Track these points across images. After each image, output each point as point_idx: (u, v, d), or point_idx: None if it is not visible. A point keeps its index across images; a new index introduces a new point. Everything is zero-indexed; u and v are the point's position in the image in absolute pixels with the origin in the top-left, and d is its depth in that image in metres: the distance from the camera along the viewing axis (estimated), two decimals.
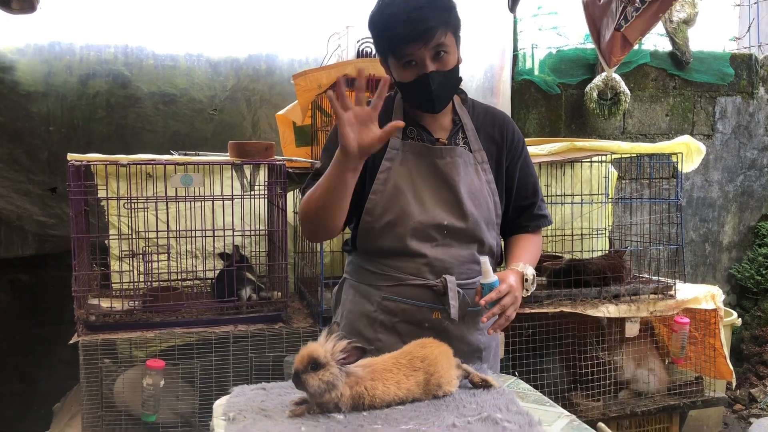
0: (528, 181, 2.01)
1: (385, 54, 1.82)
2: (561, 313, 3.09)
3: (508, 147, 1.97)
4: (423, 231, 1.83)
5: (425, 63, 1.76)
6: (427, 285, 1.84)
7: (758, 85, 5.18)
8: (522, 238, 2.00)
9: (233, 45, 3.98)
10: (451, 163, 1.86)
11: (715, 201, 5.17)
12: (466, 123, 1.94)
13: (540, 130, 4.64)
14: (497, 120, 1.99)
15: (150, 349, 2.73)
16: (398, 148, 1.87)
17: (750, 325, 5.04)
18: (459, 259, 1.86)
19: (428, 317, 1.86)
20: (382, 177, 1.85)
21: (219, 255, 3.06)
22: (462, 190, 1.85)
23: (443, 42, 1.75)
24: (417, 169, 1.86)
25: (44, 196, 3.68)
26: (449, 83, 1.83)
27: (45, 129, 3.68)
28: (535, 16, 4.72)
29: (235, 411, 1.55)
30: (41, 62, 3.65)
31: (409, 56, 1.76)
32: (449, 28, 1.77)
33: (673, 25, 4.85)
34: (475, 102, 2.01)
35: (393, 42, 1.75)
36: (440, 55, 1.77)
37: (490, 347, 1.98)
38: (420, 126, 1.91)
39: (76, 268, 2.73)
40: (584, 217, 3.80)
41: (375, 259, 1.89)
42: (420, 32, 1.71)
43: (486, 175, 1.91)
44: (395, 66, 1.81)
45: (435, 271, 1.84)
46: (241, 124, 4.02)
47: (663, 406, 3.26)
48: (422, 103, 1.85)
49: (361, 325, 1.91)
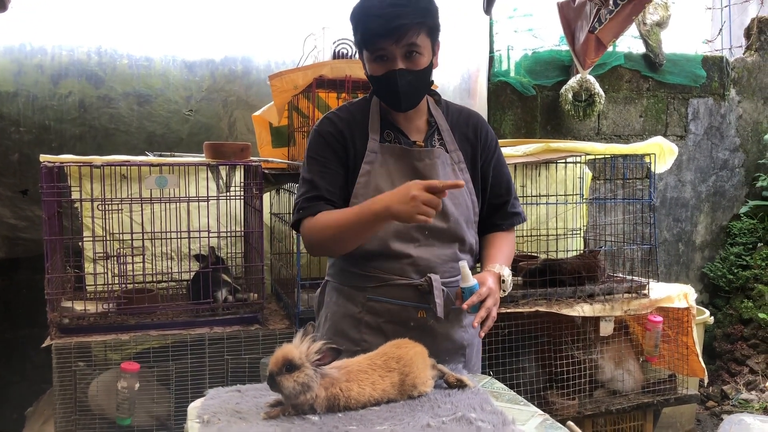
0: (502, 180, 2.03)
1: (360, 46, 1.85)
2: (536, 313, 3.11)
3: (482, 146, 1.99)
4: (405, 232, 1.85)
5: (395, 60, 1.78)
6: (412, 284, 1.86)
7: (729, 87, 5.26)
8: (496, 237, 2.02)
9: (209, 46, 3.96)
10: (430, 165, 1.88)
11: (688, 201, 5.24)
12: (441, 124, 1.96)
13: (516, 132, 4.67)
14: (471, 120, 2.02)
15: (125, 352, 2.70)
16: (377, 151, 1.89)
17: (722, 323, 5.12)
18: (442, 258, 1.88)
19: (413, 316, 1.88)
20: (363, 180, 1.86)
21: (194, 257, 3.04)
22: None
23: (415, 42, 1.77)
24: (397, 171, 1.88)
25: (15, 199, 3.62)
26: (418, 83, 1.84)
27: (15, 130, 3.63)
28: (510, 18, 4.75)
29: (209, 413, 1.54)
30: (11, 61, 3.60)
31: (380, 51, 1.79)
32: (423, 29, 1.78)
33: (647, 28, 4.91)
34: (449, 103, 2.04)
35: (366, 35, 1.79)
36: (412, 54, 1.79)
37: (473, 344, 2.00)
38: (396, 129, 1.93)
39: (49, 271, 2.70)
40: (559, 218, 3.83)
41: (359, 260, 1.89)
42: (391, 28, 1.73)
43: (463, 175, 1.93)
44: (368, 59, 1.83)
45: (419, 270, 1.86)
46: (217, 125, 4.00)
47: (637, 404, 3.30)
48: (389, 99, 1.87)
49: (346, 326, 1.92)
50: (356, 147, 1.89)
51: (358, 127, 1.91)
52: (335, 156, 1.89)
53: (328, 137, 1.90)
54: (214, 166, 2.98)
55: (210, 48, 3.96)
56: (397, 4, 1.73)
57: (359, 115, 1.94)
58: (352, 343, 1.88)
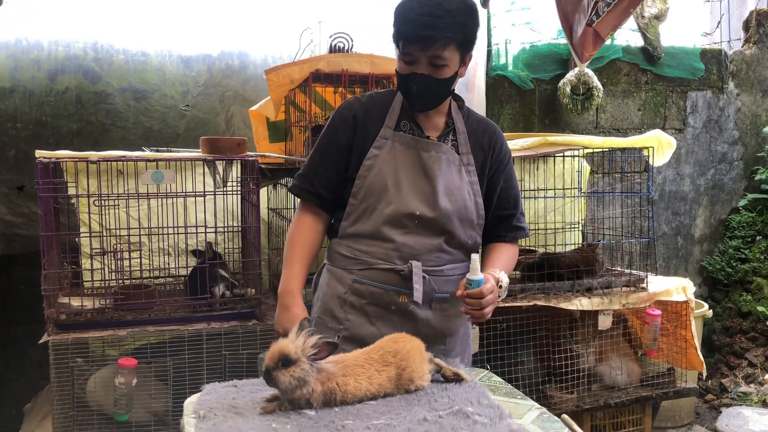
0: (510, 193, 2.10)
1: (394, 42, 1.91)
2: (535, 307, 3.11)
3: (495, 157, 2.06)
4: (396, 218, 1.92)
5: (420, 64, 1.85)
6: (395, 269, 1.92)
7: (728, 79, 5.25)
8: (499, 247, 2.10)
9: (206, 41, 3.94)
10: (435, 157, 1.95)
11: (686, 194, 5.24)
12: (459, 126, 2.02)
13: (514, 125, 4.66)
14: (488, 131, 2.08)
15: (122, 348, 2.70)
16: (388, 137, 1.96)
17: (721, 317, 5.12)
18: (427, 247, 1.94)
19: (395, 300, 1.94)
20: (368, 164, 1.94)
21: (192, 252, 3.03)
22: (439, 184, 1.93)
23: (441, 54, 1.83)
24: (402, 159, 1.95)
25: (11, 195, 3.61)
26: (435, 91, 1.91)
27: (12, 126, 3.61)
28: (508, 11, 4.73)
29: (205, 409, 1.54)
30: (7, 57, 3.58)
31: (407, 55, 1.86)
32: (453, 43, 1.83)
33: (645, 21, 4.90)
34: (470, 111, 2.10)
35: (397, 35, 1.87)
36: (435, 65, 1.85)
37: (456, 334, 2.05)
38: (414, 121, 2.00)
39: (46, 267, 2.69)
40: (557, 211, 3.82)
41: (349, 243, 1.99)
42: (420, 36, 1.80)
43: (470, 177, 1.99)
44: (398, 55, 1.91)
45: (403, 257, 1.93)
46: (214, 120, 3.99)
47: (636, 398, 3.30)
48: (406, 97, 1.96)
49: (333, 305, 2.00)
50: (369, 132, 1.97)
51: (377, 113, 2.00)
52: (335, 140, 2.00)
53: (339, 119, 2.01)
54: (210, 161, 2.96)
55: (206, 43, 3.94)
56: (434, 14, 1.78)
57: (381, 103, 2.02)
58: (336, 322, 1.99)
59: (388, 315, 1.94)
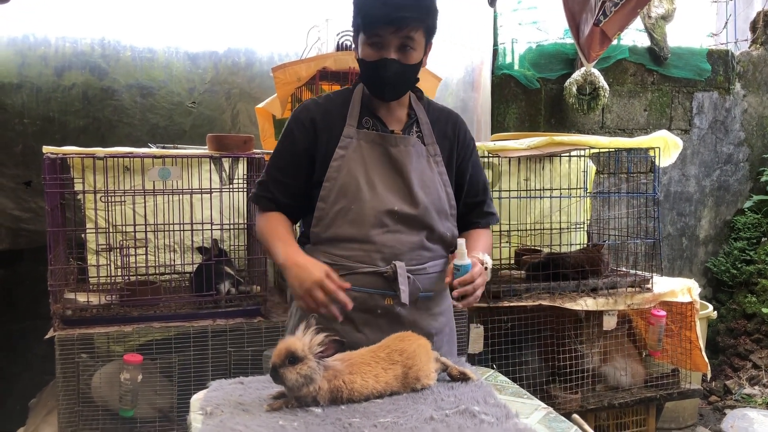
0: (478, 180, 2.08)
1: (357, 29, 1.87)
2: (539, 307, 3.10)
3: (460, 145, 2.04)
4: (374, 216, 1.87)
5: (389, 48, 1.82)
6: (378, 272, 1.87)
7: (734, 80, 5.24)
8: (476, 232, 2.07)
9: (212, 38, 3.95)
10: (404, 152, 1.92)
11: (692, 195, 5.23)
12: (421, 117, 1.99)
13: (520, 125, 4.66)
14: (451, 119, 2.06)
15: (128, 344, 2.70)
16: (353, 136, 1.92)
17: (725, 318, 5.11)
18: (408, 246, 1.89)
19: (381, 304, 1.89)
20: (336, 164, 1.89)
21: (197, 249, 3.03)
22: (413, 178, 1.90)
23: (412, 36, 1.81)
24: (370, 156, 1.91)
25: (18, 190, 3.62)
26: (405, 77, 1.88)
27: (19, 121, 3.62)
28: (515, 10, 4.73)
29: (212, 405, 1.54)
30: (15, 53, 3.59)
31: (377, 37, 1.81)
32: (422, 26, 1.82)
33: (652, 21, 4.89)
34: (430, 101, 2.07)
35: (366, 18, 1.81)
36: (406, 48, 1.83)
37: (442, 332, 2.02)
38: (376, 117, 1.96)
39: (52, 262, 2.70)
40: (563, 211, 3.82)
41: (327, 249, 1.91)
42: (393, 18, 1.77)
43: (438, 167, 1.97)
44: (363, 42, 1.85)
45: (385, 257, 1.88)
46: (220, 118, 3.99)
47: (640, 398, 3.29)
48: (375, 85, 1.90)
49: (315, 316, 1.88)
50: (331, 133, 1.92)
51: (336, 113, 1.95)
52: (294, 145, 1.94)
53: (294, 126, 1.95)
54: (217, 158, 2.97)
55: (213, 40, 3.95)
56: None
57: (340, 102, 1.98)
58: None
59: (374, 319, 1.87)
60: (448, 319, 2.05)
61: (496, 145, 3.25)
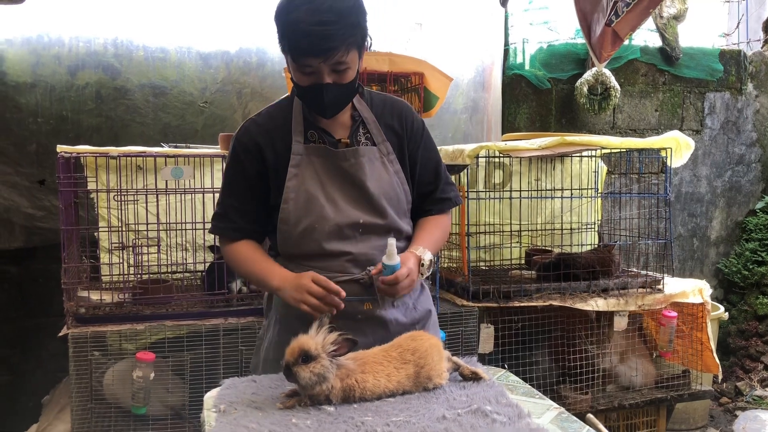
0: (428, 166, 2.01)
1: (284, 51, 1.79)
2: (550, 307, 3.10)
3: (409, 135, 1.97)
4: (340, 231, 1.85)
5: (322, 74, 1.75)
6: (354, 279, 1.85)
7: (747, 81, 5.21)
8: (425, 222, 2.02)
9: (224, 37, 3.96)
10: (356, 164, 1.87)
11: (703, 196, 5.21)
12: (367, 117, 1.94)
13: (530, 125, 4.66)
14: (395, 109, 1.99)
15: (140, 342, 2.72)
16: (302, 153, 1.87)
17: (737, 319, 5.09)
18: (380, 249, 1.85)
19: (360, 309, 1.87)
20: (291, 184, 1.85)
21: (209, 247, 3.05)
22: (372, 188, 1.86)
23: (344, 60, 1.74)
24: (324, 171, 1.87)
25: (32, 189, 3.65)
26: (344, 95, 1.83)
27: (33, 120, 3.65)
28: (526, 10, 4.72)
29: (225, 403, 1.56)
30: (29, 53, 3.62)
31: (307, 67, 1.75)
32: (353, 46, 1.75)
33: (663, 21, 4.87)
34: (372, 93, 2.01)
35: (293, 50, 1.74)
36: (339, 70, 1.76)
37: (426, 317, 2.02)
38: (319, 129, 1.90)
39: (66, 261, 2.72)
40: (574, 212, 3.81)
41: (300, 262, 1.89)
42: (321, 49, 1.70)
43: (393, 166, 1.92)
44: (293, 68, 1.79)
45: (359, 265, 1.86)
46: (231, 117, 4.01)
47: (650, 399, 3.29)
48: (314, 108, 1.85)
49: (297, 326, 1.75)
50: (277, 152, 1.88)
51: (279, 131, 1.90)
52: (242, 170, 1.90)
53: (239, 149, 1.91)
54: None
55: (225, 40, 3.96)
56: (325, 21, 1.67)
57: (281, 118, 1.92)
58: None
59: (356, 325, 1.83)
60: (428, 304, 2.05)
61: (507, 145, 3.25)
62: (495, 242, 3.57)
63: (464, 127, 4.41)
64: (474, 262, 3.45)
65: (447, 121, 4.33)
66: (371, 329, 1.86)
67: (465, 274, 3.16)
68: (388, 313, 1.90)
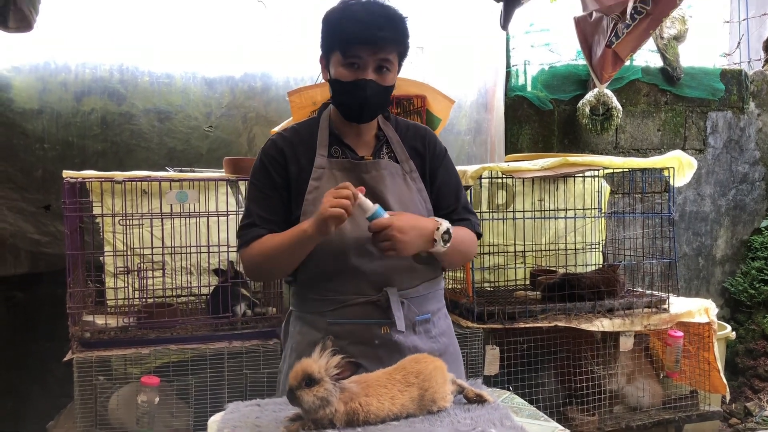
0: (449, 188, 2.00)
1: (331, 49, 1.82)
2: (555, 328, 3.09)
3: (431, 156, 1.98)
4: (357, 246, 1.82)
5: (367, 69, 1.79)
6: (370, 301, 1.83)
7: (749, 100, 5.23)
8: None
9: (229, 63, 4.00)
10: (377, 177, 1.87)
11: (707, 215, 5.20)
12: (391, 136, 1.95)
13: (533, 146, 4.67)
14: (419, 133, 2.01)
15: (144, 366, 2.72)
16: (324, 166, 1.88)
17: (744, 339, 5.06)
18: (397, 270, 1.85)
19: (377, 333, 1.84)
20: (311, 197, 1.84)
21: (214, 271, 3.06)
22: (391, 202, 1.85)
23: (389, 58, 1.79)
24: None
25: (38, 214, 3.67)
26: (381, 98, 1.84)
27: (39, 146, 3.68)
28: (527, 33, 4.76)
29: (229, 427, 1.55)
30: (36, 79, 3.66)
31: (355, 57, 1.78)
32: (399, 49, 1.81)
33: (664, 42, 4.90)
34: (398, 118, 2.03)
35: (345, 38, 1.77)
36: (383, 69, 1.80)
37: (445, 353, 1.95)
38: (344, 144, 1.91)
39: (71, 285, 2.73)
40: (578, 232, 3.81)
41: (316, 284, 1.88)
42: (374, 38, 1.74)
43: (416, 184, 1.92)
44: (338, 62, 1.81)
45: (376, 286, 1.84)
46: (236, 141, 4.04)
47: (658, 420, 3.26)
48: (351, 107, 1.85)
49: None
50: (301, 165, 1.88)
51: (304, 145, 1.90)
52: (271, 180, 1.89)
53: (266, 160, 1.90)
54: (233, 181, 3.00)
55: (230, 65, 4.00)
56: (382, 15, 1.76)
57: (306, 133, 1.93)
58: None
59: (372, 351, 1.81)
60: (450, 339, 2.00)
61: (510, 166, 3.27)
62: (499, 263, 3.57)
63: (467, 148, 4.43)
64: (478, 283, 3.45)
65: (450, 143, 4.35)
66: (388, 355, 1.80)
67: (470, 295, 3.16)
68: (407, 339, 1.86)
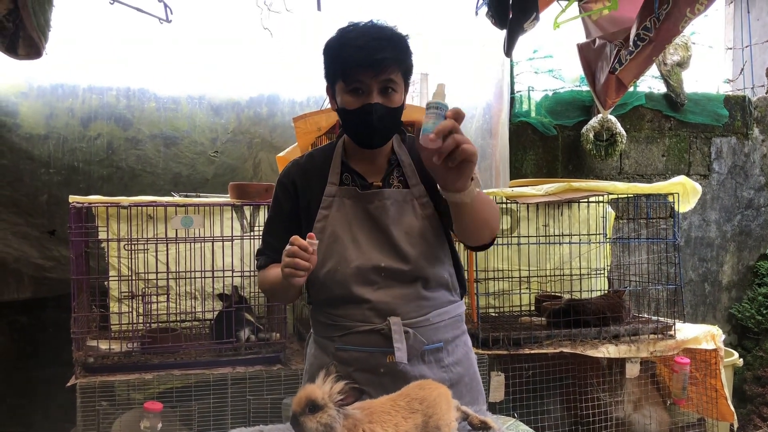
0: None
1: (334, 78, 1.82)
2: (561, 354, 3.07)
3: None
4: (362, 275, 1.81)
5: (372, 93, 1.76)
6: (375, 329, 1.81)
7: (752, 125, 5.24)
8: None
9: (235, 88, 4.04)
10: (380, 207, 1.84)
11: (713, 240, 5.18)
12: (403, 159, 1.92)
13: (537, 171, 4.68)
14: None
15: (148, 392, 2.71)
16: (334, 194, 1.88)
17: (752, 366, 5.01)
18: (404, 299, 1.83)
19: (382, 362, 1.82)
20: (320, 225, 1.85)
21: (218, 296, 3.06)
22: (395, 232, 1.83)
23: (393, 78, 1.77)
24: (354, 213, 1.86)
25: (43, 239, 3.68)
26: (391, 120, 1.82)
27: (45, 171, 3.71)
28: (530, 59, 4.80)
29: None
30: (43, 105, 3.70)
31: (357, 83, 1.76)
32: (402, 68, 1.79)
33: (667, 68, 4.93)
34: (414, 138, 2.00)
35: (345, 65, 1.76)
36: (388, 90, 1.78)
37: (460, 383, 1.91)
38: (354, 172, 1.90)
39: (75, 310, 2.73)
40: (583, 257, 3.80)
41: (325, 309, 1.89)
42: (373, 61, 1.72)
43: (425, 210, 1.87)
44: (342, 90, 1.79)
45: (381, 314, 1.81)
46: (242, 166, 4.06)
47: None
48: (361, 133, 1.84)
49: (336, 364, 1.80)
50: (312, 192, 1.89)
51: (317, 171, 1.91)
52: (280, 208, 1.94)
53: (279, 189, 1.95)
54: (238, 206, 3.01)
55: (235, 91, 4.04)
56: (379, 37, 1.74)
57: (320, 160, 1.94)
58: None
59: (377, 379, 1.79)
60: (466, 368, 1.95)
61: (514, 192, 3.27)
62: (504, 288, 3.56)
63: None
64: (483, 309, 3.44)
65: None
66: (393, 384, 1.73)
67: (474, 320, 3.15)
68: (413, 368, 1.82)
